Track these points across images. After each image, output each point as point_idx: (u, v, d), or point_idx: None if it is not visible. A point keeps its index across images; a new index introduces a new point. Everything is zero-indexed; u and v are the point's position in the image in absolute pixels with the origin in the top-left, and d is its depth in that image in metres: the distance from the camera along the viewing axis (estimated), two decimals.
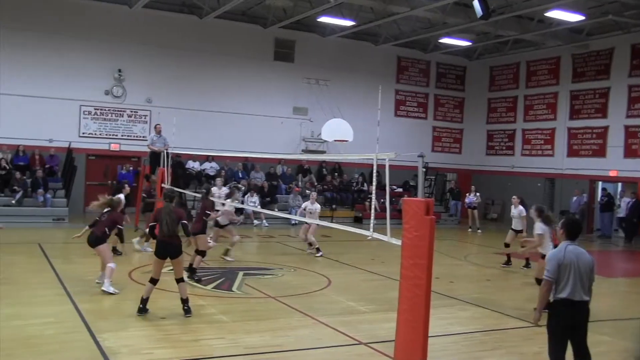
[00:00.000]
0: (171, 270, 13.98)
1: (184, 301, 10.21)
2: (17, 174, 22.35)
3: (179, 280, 10.27)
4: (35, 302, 10.66)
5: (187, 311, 10.13)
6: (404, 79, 32.25)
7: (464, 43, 29.44)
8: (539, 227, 11.85)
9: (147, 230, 10.68)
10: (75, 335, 8.86)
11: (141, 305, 10.05)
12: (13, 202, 21.69)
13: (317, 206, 17.90)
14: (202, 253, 13.58)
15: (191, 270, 13.66)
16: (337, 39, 29.01)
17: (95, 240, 11.64)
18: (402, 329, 7.52)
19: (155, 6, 25.29)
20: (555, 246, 13.36)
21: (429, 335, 7.37)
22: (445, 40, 29.06)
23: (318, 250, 17.44)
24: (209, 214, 14.16)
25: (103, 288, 11.46)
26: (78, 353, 8.14)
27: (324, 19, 26.29)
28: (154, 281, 10.18)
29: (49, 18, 24.16)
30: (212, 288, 12.55)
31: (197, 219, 14.02)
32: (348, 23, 26.44)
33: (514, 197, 18.19)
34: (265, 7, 26.24)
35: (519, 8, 23.51)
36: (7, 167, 22.63)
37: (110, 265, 11.60)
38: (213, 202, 14.94)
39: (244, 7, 25.96)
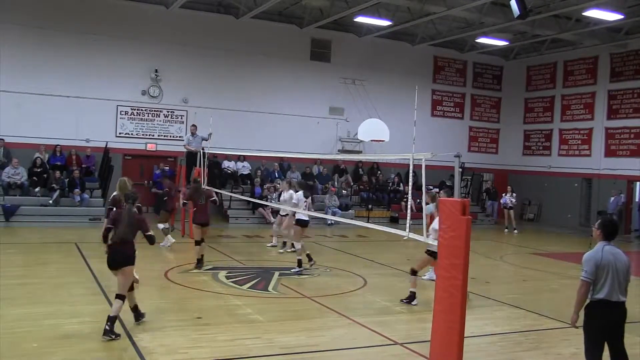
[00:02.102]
0: (208, 270, 14.17)
1: (133, 309, 9.31)
2: (57, 173, 22.67)
3: (119, 296, 8.85)
4: (72, 301, 10.76)
5: (140, 316, 9.39)
6: (440, 78, 32.10)
7: (501, 43, 29.20)
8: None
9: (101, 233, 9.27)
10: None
11: (107, 326, 8.55)
12: (50, 202, 21.97)
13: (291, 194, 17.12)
14: (199, 242, 14.26)
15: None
16: (374, 39, 28.96)
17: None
18: (438, 329, 7.51)
19: (191, 6, 25.46)
20: None
21: (465, 335, 7.35)
22: (482, 40, 28.86)
23: (285, 244, 17.72)
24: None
25: None
26: (114, 352, 8.20)
27: (360, 19, 26.21)
28: (121, 297, 8.89)
29: (85, 19, 24.38)
30: (248, 288, 12.55)
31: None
32: (384, 23, 26.35)
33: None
34: (301, 7, 26.27)
35: (557, 7, 23.25)
36: (43, 164, 22.96)
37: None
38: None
39: (280, 7, 26.04)
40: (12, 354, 7.83)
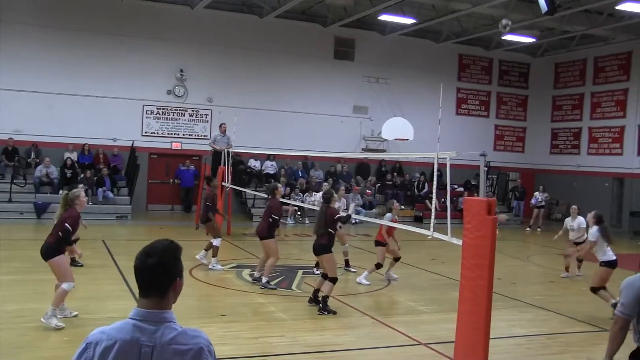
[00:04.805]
0: (232, 267, 14.19)
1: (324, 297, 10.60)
2: (87, 172, 22.89)
3: (332, 279, 10.52)
4: (101, 297, 10.93)
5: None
6: (465, 76, 31.86)
7: (528, 40, 28.87)
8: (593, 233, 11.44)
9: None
10: None
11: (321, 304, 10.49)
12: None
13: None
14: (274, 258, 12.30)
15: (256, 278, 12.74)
16: (398, 37, 28.79)
17: (47, 252, 9.23)
18: (463, 330, 7.42)
19: (216, 6, 25.49)
20: None
21: (490, 337, 7.23)
22: (508, 37, 28.54)
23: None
24: (277, 218, 12.32)
25: (49, 321, 8.86)
26: None
27: (384, 17, 26.06)
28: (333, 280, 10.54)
29: (111, 19, 24.64)
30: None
31: (263, 220, 12.54)
32: (409, 21, 26.19)
33: (573, 207, 16.71)
34: (325, 5, 26.20)
35: (587, 2, 22.70)
36: (73, 164, 23.19)
37: (64, 286, 9.03)
38: (281, 204, 13.44)
39: (304, 6, 26.00)
40: (45, 346, 8.06)
